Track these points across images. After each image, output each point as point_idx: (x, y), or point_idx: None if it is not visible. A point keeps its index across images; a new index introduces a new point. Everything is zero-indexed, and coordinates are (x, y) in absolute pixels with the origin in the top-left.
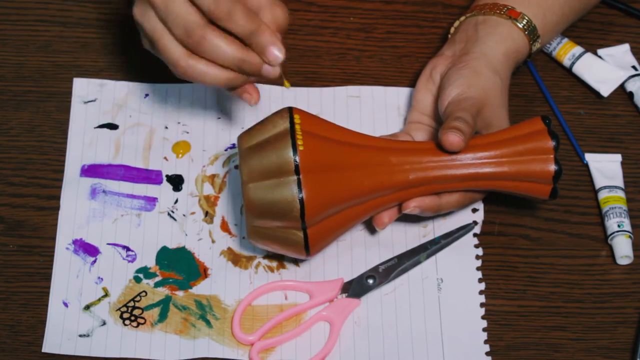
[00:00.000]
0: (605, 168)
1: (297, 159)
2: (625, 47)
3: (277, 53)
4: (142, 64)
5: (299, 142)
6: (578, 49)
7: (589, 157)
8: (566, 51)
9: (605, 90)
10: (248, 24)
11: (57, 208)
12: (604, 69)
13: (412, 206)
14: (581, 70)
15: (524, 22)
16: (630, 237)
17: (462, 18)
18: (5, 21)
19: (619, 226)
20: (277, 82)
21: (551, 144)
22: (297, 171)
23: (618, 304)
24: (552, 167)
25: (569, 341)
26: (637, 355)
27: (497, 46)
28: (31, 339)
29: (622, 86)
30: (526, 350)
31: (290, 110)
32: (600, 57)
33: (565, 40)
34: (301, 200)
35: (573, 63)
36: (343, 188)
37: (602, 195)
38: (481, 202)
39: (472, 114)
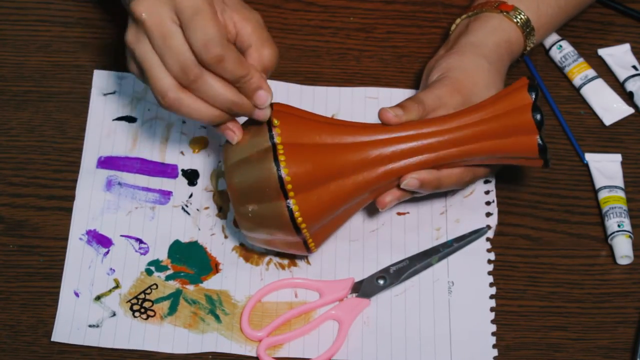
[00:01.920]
0: (605, 168)
1: (275, 133)
2: (625, 47)
3: (264, 96)
4: None
5: (275, 123)
6: (591, 72)
7: (589, 157)
8: (580, 70)
9: (609, 119)
10: (237, 69)
11: (57, 208)
12: (611, 98)
13: (410, 177)
14: (589, 93)
15: (517, 15)
16: (630, 237)
17: (458, 20)
18: (5, 21)
19: (619, 226)
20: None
21: (529, 96)
22: (274, 147)
23: (618, 304)
24: (532, 116)
25: (569, 341)
26: (637, 355)
27: (487, 37)
28: (31, 339)
29: (622, 86)
30: (526, 350)
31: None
32: (601, 57)
33: (581, 60)
34: (278, 170)
35: (584, 84)
36: (325, 161)
37: (602, 195)
38: (495, 206)
39: (436, 95)
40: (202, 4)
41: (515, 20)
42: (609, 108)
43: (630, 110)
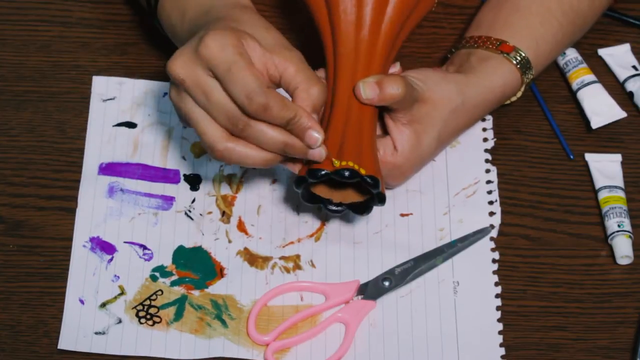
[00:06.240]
0: (605, 168)
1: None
2: (625, 47)
3: (315, 135)
4: (143, 64)
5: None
6: (590, 77)
7: (589, 157)
8: (578, 75)
9: (596, 122)
10: (284, 113)
11: (58, 208)
12: (605, 103)
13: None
14: (584, 96)
15: (517, 56)
16: (630, 237)
17: (454, 51)
18: (5, 21)
19: (619, 226)
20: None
21: None
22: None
23: (618, 304)
24: None
25: (569, 341)
26: (637, 355)
27: (481, 78)
28: (31, 339)
29: (622, 86)
30: (526, 350)
31: None
32: (601, 57)
33: (584, 65)
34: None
35: (580, 88)
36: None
37: (602, 195)
38: (498, 205)
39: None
40: (233, 57)
41: (514, 62)
42: (600, 111)
43: (622, 114)
